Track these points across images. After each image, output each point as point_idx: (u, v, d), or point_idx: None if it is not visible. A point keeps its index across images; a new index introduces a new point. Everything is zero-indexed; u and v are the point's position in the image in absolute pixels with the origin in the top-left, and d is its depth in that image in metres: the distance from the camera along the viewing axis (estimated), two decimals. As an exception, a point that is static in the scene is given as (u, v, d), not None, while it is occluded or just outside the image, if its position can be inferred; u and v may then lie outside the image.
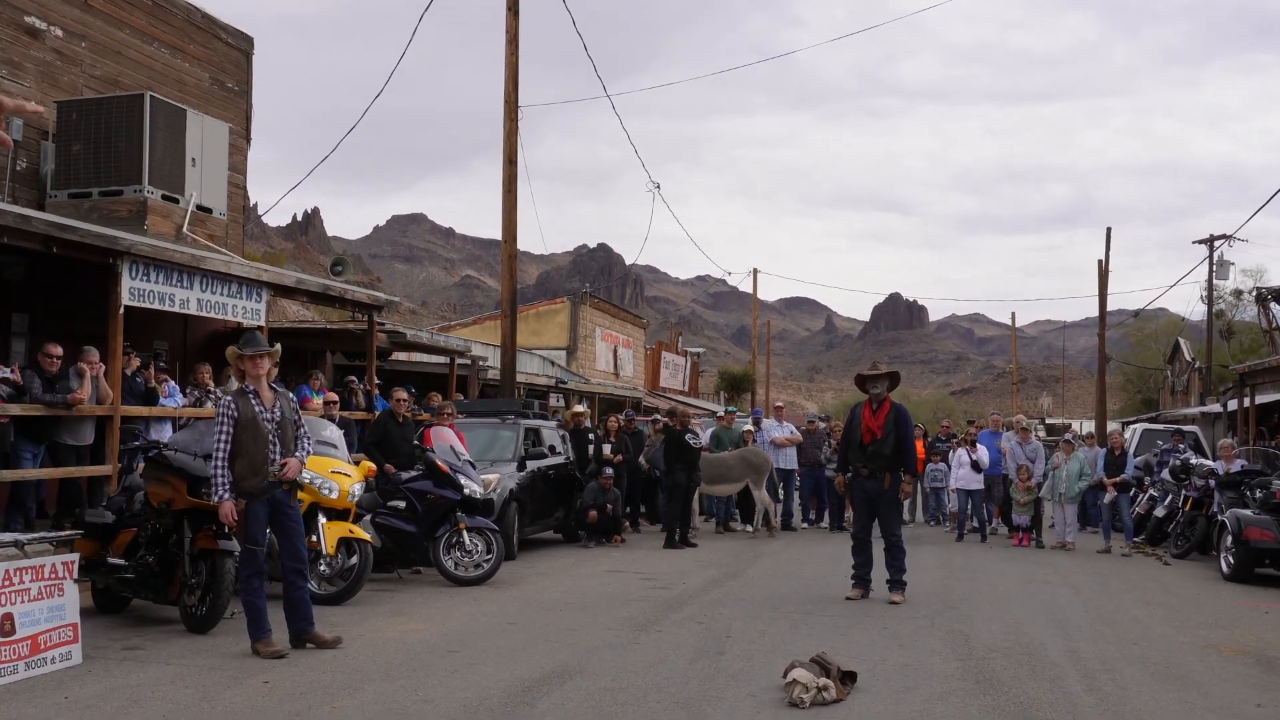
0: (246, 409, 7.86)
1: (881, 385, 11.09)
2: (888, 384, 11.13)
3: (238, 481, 7.77)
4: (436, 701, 6.41)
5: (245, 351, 8.04)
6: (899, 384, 11.34)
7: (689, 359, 58.52)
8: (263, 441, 7.88)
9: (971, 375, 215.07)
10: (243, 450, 7.79)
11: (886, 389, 11.09)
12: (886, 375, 11.25)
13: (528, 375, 28.63)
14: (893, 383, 11.20)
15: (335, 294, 15.82)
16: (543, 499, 14.97)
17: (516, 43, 19.16)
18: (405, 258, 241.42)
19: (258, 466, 7.84)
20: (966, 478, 17.61)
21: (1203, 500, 15.60)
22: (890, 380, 11.20)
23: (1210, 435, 25.36)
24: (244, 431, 7.80)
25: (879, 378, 11.21)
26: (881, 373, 11.33)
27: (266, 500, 7.89)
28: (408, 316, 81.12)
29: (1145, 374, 61.71)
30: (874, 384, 11.13)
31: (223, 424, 7.80)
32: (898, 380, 11.32)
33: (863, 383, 11.32)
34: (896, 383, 11.27)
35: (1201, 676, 7.53)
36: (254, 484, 7.83)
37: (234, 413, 7.82)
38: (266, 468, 7.88)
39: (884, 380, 11.15)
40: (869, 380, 11.24)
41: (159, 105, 13.87)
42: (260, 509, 7.86)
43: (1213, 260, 38.82)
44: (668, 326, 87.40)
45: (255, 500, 7.83)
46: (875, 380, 11.17)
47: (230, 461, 7.78)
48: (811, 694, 6.37)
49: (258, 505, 7.85)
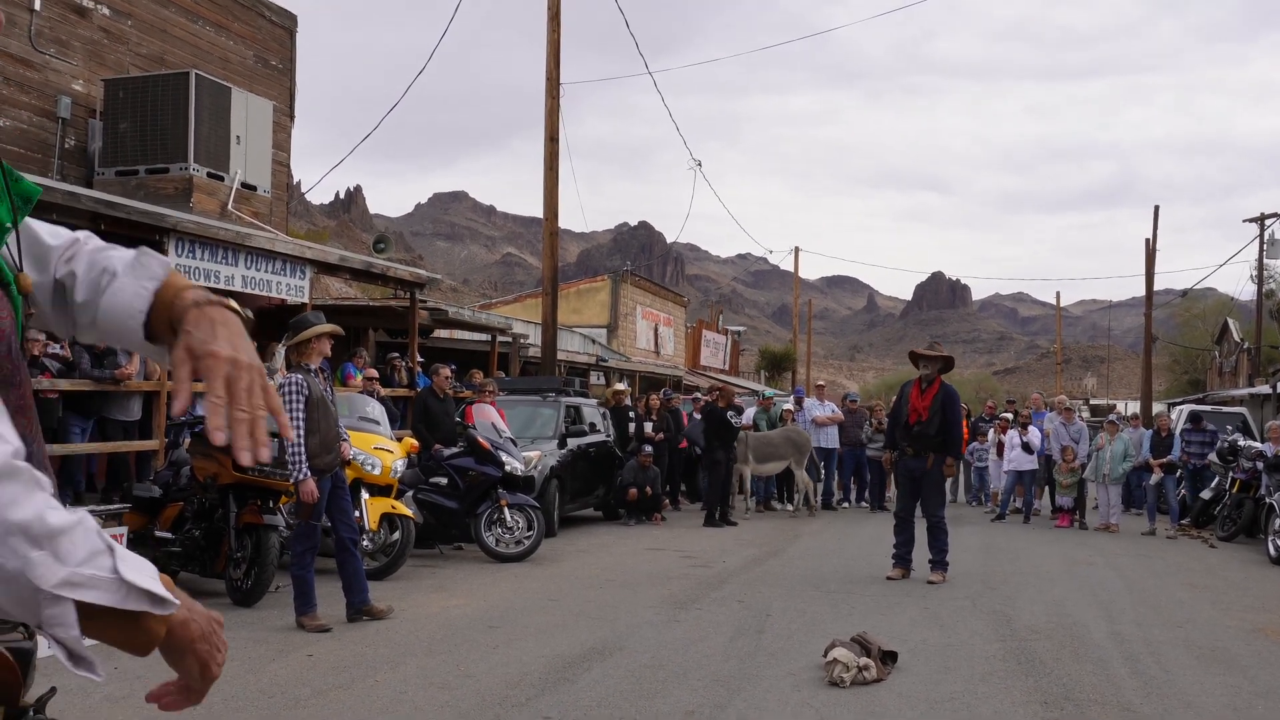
0: (315, 387, 7.90)
1: (933, 366, 10.98)
2: (940, 365, 11.03)
3: (310, 459, 7.79)
4: (478, 676, 6.46)
5: (326, 330, 7.97)
6: (952, 368, 11.23)
7: (730, 337, 58.34)
8: (332, 419, 7.96)
9: (1015, 355, 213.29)
10: (315, 428, 7.82)
11: (938, 371, 10.98)
12: (941, 357, 11.14)
13: (568, 353, 28.67)
14: (945, 366, 11.10)
15: (378, 271, 15.91)
16: (583, 477, 15.01)
17: (558, 20, 19.11)
18: (447, 235, 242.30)
19: (329, 444, 7.92)
20: (1019, 459, 17.51)
21: (1250, 482, 15.39)
22: (944, 363, 11.09)
23: (1259, 417, 24.99)
24: (315, 409, 7.82)
25: (932, 358, 11.10)
26: (935, 354, 11.21)
27: (329, 477, 7.96)
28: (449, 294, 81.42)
29: (1192, 354, 60.86)
30: (926, 364, 11.03)
31: (297, 402, 7.73)
32: (950, 365, 11.20)
33: (916, 360, 11.24)
34: (949, 367, 11.16)
35: (1248, 661, 7.44)
36: (327, 461, 7.89)
37: (306, 391, 7.81)
38: (338, 444, 7.98)
39: (936, 361, 11.04)
40: (922, 359, 11.14)
41: (204, 83, 13.97)
42: (324, 485, 7.93)
43: (1263, 239, 38.18)
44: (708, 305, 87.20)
45: (321, 477, 7.89)
46: (928, 360, 11.07)
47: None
48: (852, 673, 6.36)
49: (323, 482, 7.91)
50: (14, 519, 1.22)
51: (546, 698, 6.02)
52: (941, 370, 11.02)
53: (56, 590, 1.23)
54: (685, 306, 53.47)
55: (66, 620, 1.25)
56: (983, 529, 16.04)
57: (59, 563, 1.24)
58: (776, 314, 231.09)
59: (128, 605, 1.28)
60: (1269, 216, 38.19)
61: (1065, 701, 6.19)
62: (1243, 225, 39.82)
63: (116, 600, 1.27)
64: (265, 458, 1.48)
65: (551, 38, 19.15)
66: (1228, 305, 56.41)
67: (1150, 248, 39.55)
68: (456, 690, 6.16)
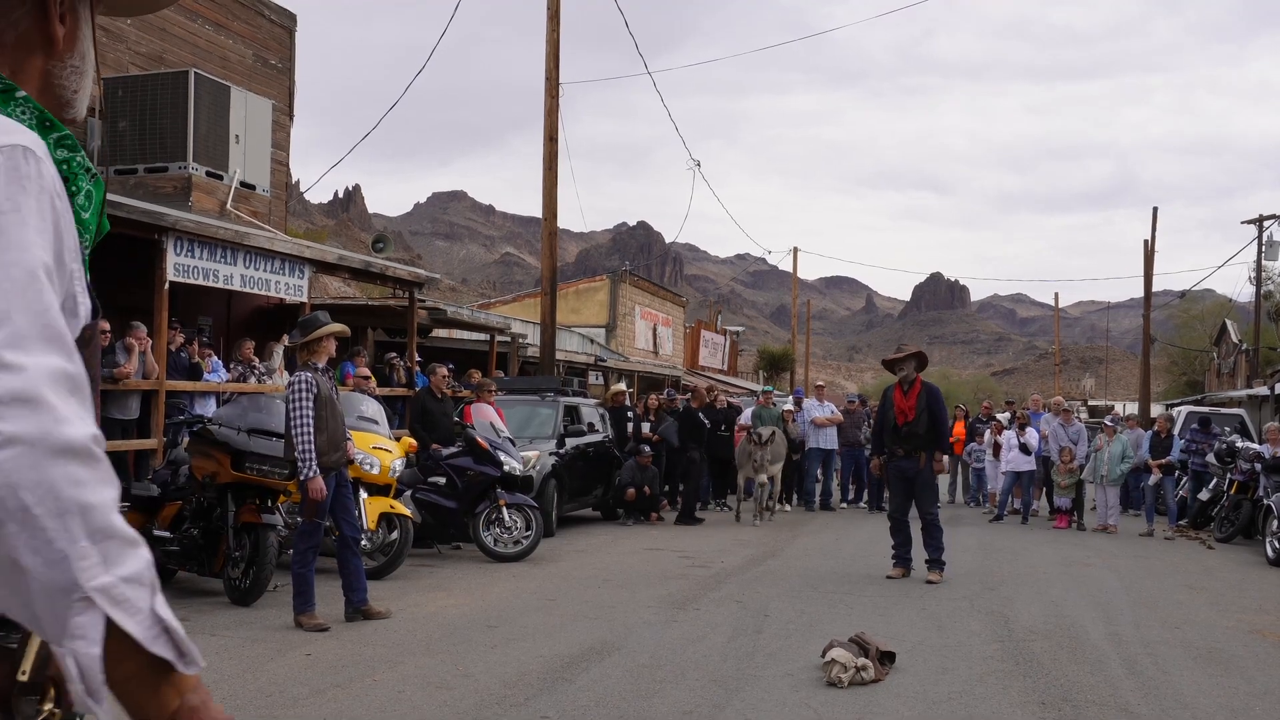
0: (323, 385, 7.90)
1: (908, 366, 11.02)
2: (914, 364, 11.06)
3: (318, 457, 7.77)
4: (476, 676, 6.46)
5: (335, 330, 8.00)
6: (926, 364, 11.25)
7: (728, 338, 58.33)
8: (339, 417, 7.98)
9: (1013, 356, 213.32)
10: (322, 426, 7.81)
11: (914, 369, 11.02)
12: (912, 356, 11.19)
13: (567, 353, 28.66)
14: (920, 363, 11.13)
15: (376, 271, 15.91)
16: (581, 476, 15.01)
17: (558, 19, 19.10)
18: (445, 235, 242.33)
19: (337, 442, 7.93)
20: (1016, 460, 17.53)
21: (1248, 484, 15.41)
22: (917, 360, 11.13)
23: (1257, 418, 25.00)
24: (324, 408, 7.82)
25: (904, 359, 11.16)
26: (905, 355, 11.27)
27: (334, 475, 7.96)
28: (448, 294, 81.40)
29: (1191, 356, 60.88)
30: (900, 366, 11.09)
31: (305, 400, 7.72)
32: (925, 361, 11.24)
33: (890, 366, 11.29)
34: (924, 363, 11.19)
35: (1245, 661, 7.45)
36: (334, 459, 7.90)
37: (315, 388, 7.80)
38: (345, 442, 7.99)
39: (910, 361, 11.08)
40: (895, 364, 11.21)
41: (203, 82, 13.97)
42: (329, 483, 7.93)
43: (1262, 240, 38.16)
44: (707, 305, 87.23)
45: (327, 475, 7.89)
46: (901, 363, 11.14)
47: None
48: (850, 674, 6.36)
49: (328, 480, 7.91)
50: (79, 498, 1.16)
51: (545, 697, 6.02)
52: (918, 368, 11.06)
53: (93, 593, 1.15)
54: (684, 306, 53.47)
55: (92, 634, 1.15)
56: (980, 530, 16.04)
57: (104, 567, 1.16)
58: (775, 314, 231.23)
59: (154, 648, 1.18)
60: (1267, 218, 38.17)
61: (1063, 702, 6.20)
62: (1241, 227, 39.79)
63: (146, 635, 1.18)
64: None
65: (551, 37, 19.14)
66: (1226, 307, 56.43)
67: (1149, 249, 39.56)
68: (454, 690, 6.16)
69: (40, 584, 1.14)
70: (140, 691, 1.19)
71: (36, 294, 1.24)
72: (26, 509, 1.13)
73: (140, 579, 1.18)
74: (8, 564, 1.14)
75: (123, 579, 1.17)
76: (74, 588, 1.14)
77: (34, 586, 1.15)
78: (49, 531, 1.13)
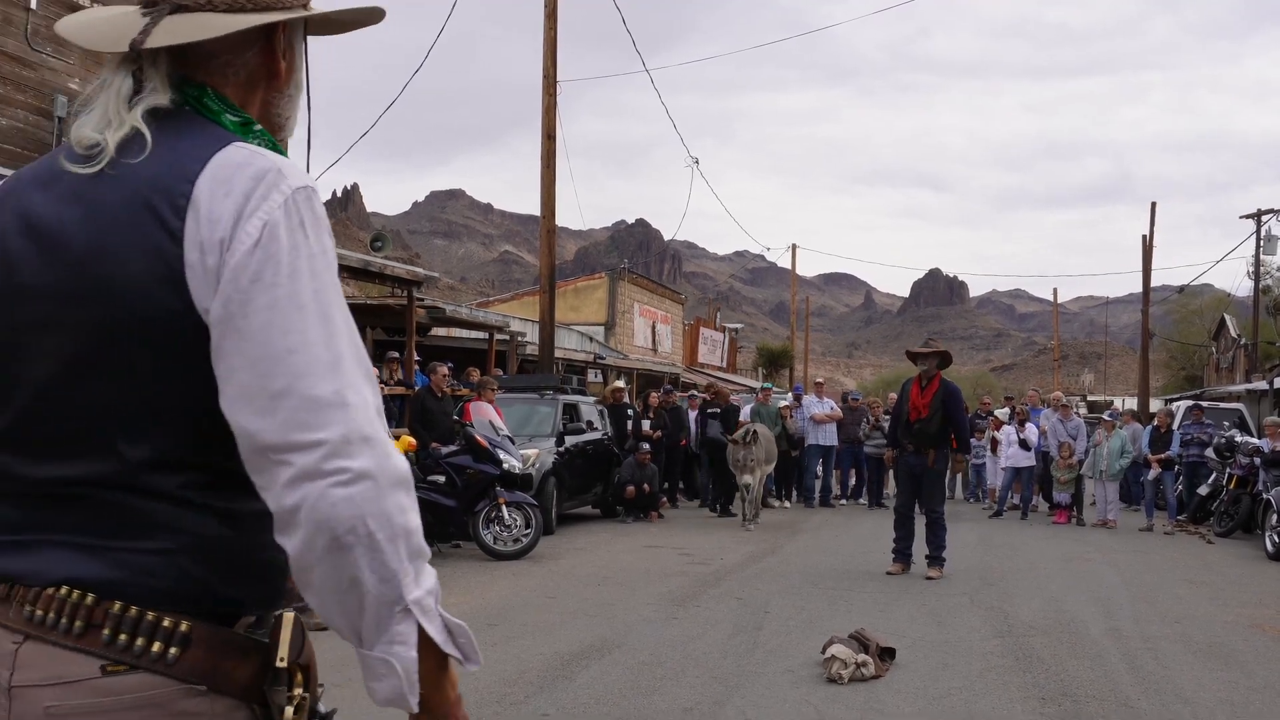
0: None
1: (930, 362, 11.01)
2: (937, 362, 11.05)
3: None
4: (476, 674, 6.45)
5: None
6: (949, 364, 11.25)
7: (727, 335, 58.35)
8: None
9: (1012, 351, 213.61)
10: None
11: (936, 366, 11.01)
12: (936, 354, 11.18)
13: (566, 351, 28.66)
14: (943, 361, 11.12)
15: (375, 269, 15.91)
16: (581, 474, 15.01)
17: (555, 17, 19.10)
18: (444, 233, 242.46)
19: None
20: (1016, 455, 17.54)
21: (1247, 478, 15.42)
22: (940, 359, 11.12)
23: (1256, 413, 25.01)
24: None
25: (928, 355, 11.15)
26: (930, 351, 11.27)
27: None
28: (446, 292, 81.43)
29: (1189, 350, 60.90)
30: (922, 360, 11.09)
31: None
32: (948, 360, 11.23)
33: (914, 358, 11.31)
34: (947, 363, 11.19)
35: (1245, 656, 7.45)
36: None
37: None
38: None
39: (932, 358, 11.07)
40: (919, 357, 11.21)
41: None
42: None
43: (1260, 235, 38.18)
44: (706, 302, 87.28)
45: None
46: (924, 357, 11.13)
47: None
48: (850, 670, 6.36)
49: None
50: (406, 524, 1.33)
51: (545, 695, 6.02)
52: (940, 366, 11.05)
53: (412, 605, 1.33)
54: (683, 304, 53.47)
55: (410, 639, 1.34)
56: (980, 525, 16.05)
57: (416, 582, 1.34)
58: (774, 311, 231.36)
59: (448, 648, 1.38)
60: (1266, 213, 38.16)
61: (1063, 697, 6.20)
62: (1239, 221, 39.67)
63: (443, 639, 1.37)
64: None
65: (548, 35, 19.14)
66: (1224, 301, 56.48)
67: (1147, 245, 39.56)
68: (455, 688, 6.15)
69: (373, 597, 1.31)
70: (429, 685, 1.38)
71: (354, 333, 1.40)
72: (372, 535, 1.30)
73: (435, 591, 1.38)
74: (348, 581, 1.31)
75: (427, 591, 1.36)
76: (399, 600, 1.32)
77: (367, 600, 1.32)
78: (385, 554, 1.31)
